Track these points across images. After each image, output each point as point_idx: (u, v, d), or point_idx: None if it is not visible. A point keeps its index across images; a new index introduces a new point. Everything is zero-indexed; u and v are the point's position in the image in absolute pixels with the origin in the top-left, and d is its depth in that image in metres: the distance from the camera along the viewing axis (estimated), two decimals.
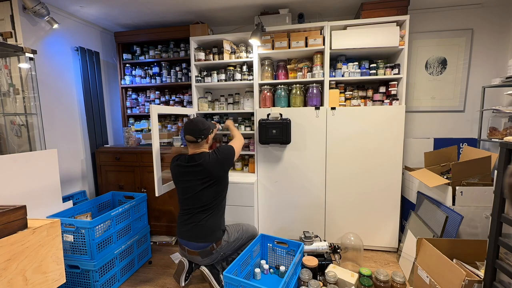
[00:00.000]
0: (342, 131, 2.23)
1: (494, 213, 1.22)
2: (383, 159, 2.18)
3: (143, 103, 2.96)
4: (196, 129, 1.68)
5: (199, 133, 1.68)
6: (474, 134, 2.42)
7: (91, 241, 1.68)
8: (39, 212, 1.74)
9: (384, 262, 2.16)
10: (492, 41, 2.37)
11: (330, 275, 1.71)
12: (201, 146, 1.73)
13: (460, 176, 1.84)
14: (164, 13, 2.52)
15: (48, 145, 2.18)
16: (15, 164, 1.59)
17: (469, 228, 1.79)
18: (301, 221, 2.40)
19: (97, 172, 2.71)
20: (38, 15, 2.08)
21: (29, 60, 1.93)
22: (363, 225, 2.29)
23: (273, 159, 2.39)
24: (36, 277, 0.88)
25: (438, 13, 2.43)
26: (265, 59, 2.44)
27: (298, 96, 2.34)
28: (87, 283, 1.73)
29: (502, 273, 1.19)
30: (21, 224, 0.86)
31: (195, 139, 1.68)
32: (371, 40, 2.13)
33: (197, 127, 1.68)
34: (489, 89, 2.27)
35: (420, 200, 2.12)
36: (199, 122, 1.71)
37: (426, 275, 1.55)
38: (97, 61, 2.74)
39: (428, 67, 2.51)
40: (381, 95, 2.28)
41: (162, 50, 2.82)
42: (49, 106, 2.29)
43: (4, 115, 1.98)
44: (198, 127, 1.68)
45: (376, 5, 2.14)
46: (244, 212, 2.32)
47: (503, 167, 1.18)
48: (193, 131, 1.68)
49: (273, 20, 2.34)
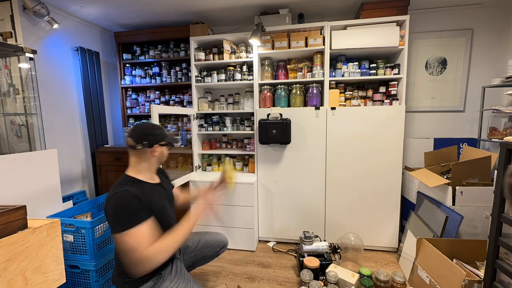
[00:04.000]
0: (342, 131, 2.23)
1: (494, 213, 1.22)
2: (383, 159, 2.18)
3: (143, 103, 2.96)
4: (140, 132, 1.23)
5: (142, 138, 1.21)
6: (474, 134, 2.42)
7: (91, 241, 1.68)
8: (39, 212, 1.73)
9: (384, 262, 2.16)
10: (492, 41, 2.37)
11: (331, 275, 1.71)
12: (142, 157, 1.24)
13: (460, 176, 1.84)
14: (164, 13, 2.52)
15: (48, 145, 2.18)
16: (15, 164, 1.59)
17: (469, 228, 1.79)
18: (301, 221, 2.40)
19: (97, 172, 2.71)
20: (38, 15, 2.08)
21: (29, 60, 1.92)
22: (363, 225, 2.29)
23: (273, 159, 2.39)
24: (36, 277, 0.88)
25: (438, 13, 2.43)
26: (265, 59, 2.44)
27: (298, 96, 2.34)
28: (87, 283, 1.73)
29: (502, 273, 1.19)
30: (21, 224, 0.86)
31: (134, 144, 1.21)
32: (371, 40, 2.13)
33: (142, 129, 1.25)
34: (489, 89, 2.27)
35: (420, 200, 2.12)
36: (149, 125, 1.29)
37: (426, 275, 1.55)
38: (97, 61, 2.74)
39: (428, 67, 2.50)
40: (381, 95, 2.28)
41: (162, 50, 2.82)
42: (49, 106, 2.29)
43: (4, 115, 1.98)
44: (143, 129, 1.25)
45: (376, 5, 2.14)
46: (244, 212, 2.32)
47: (503, 167, 1.18)
48: (136, 133, 1.23)
49: (273, 20, 2.34)
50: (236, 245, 2.38)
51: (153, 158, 1.26)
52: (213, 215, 1.34)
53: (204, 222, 1.21)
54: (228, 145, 2.75)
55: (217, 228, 2.34)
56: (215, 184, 1.53)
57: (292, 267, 2.12)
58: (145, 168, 1.26)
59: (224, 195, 1.36)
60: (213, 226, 2.33)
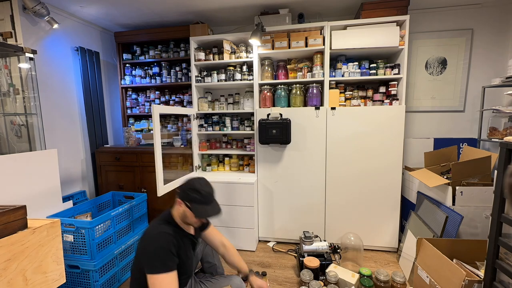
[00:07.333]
0: (342, 131, 2.23)
1: (494, 213, 1.22)
2: (383, 159, 2.18)
3: (143, 103, 2.96)
4: (185, 182, 1.33)
5: (181, 187, 1.32)
6: (474, 134, 2.42)
7: (91, 241, 1.68)
8: (39, 212, 1.74)
9: (384, 262, 2.16)
10: (492, 41, 2.37)
11: (331, 275, 1.71)
12: (176, 205, 1.33)
13: (460, 176, 1.84)
14: (164, 13, 2.52)
15: (48, 145, 2.18)
16: (15, 164, 1.59)
17: (469, 228, 1.79)
18: (301, 221, 2.40)
19: (97, 172, 2.71)
20: (38, 15, 2.08)
21: (29, 60, 1.92)
22: (363, 225, 2.29)
23: (273, 159, 2.39)
24: (36, 277, 0.88)
25: (438, 13, 2.43)
26: (265, 59, 2.44)
27: (298, 96, 2.34)
28: (87, 283, 1.73)
29: (502, 273, 1.19)
30: (21, 224, 0.86)
31: (176, 189, 1.34)
32: (371, 40, 2.13)
33: (189, 181, 1.32)
34: (489, 89, 2.27)
35: (420, 200, 2.12)
36: (195, 182, 1.30)
37: (426, 275, 1.55)
38: (97, 61, 2.74)
39: (428, 67, 2.50)
40: (381, 95, 2.28)
41: (162, 50, 2.82)
42: (49, 106, 2.29)
43: (4, 115, 1.98)
44: (189, 181, 1.32)
45: (376, 5, 2.14)
46: (244, 212, 2.32)
47: (503, 167, 1.18)
48: (185, 181, 1.34)
49: (273, 20, 2.34)
50: (236, 245, 2.38)
51: (179, 213, 1.31)
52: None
53: None
54: (228, 145, 2.75)
55: (218, 228, 2.33)
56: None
57: (292, 267, 2.12)
58: (178, 216, 1.33)
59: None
60: (214, 226, 2.33)
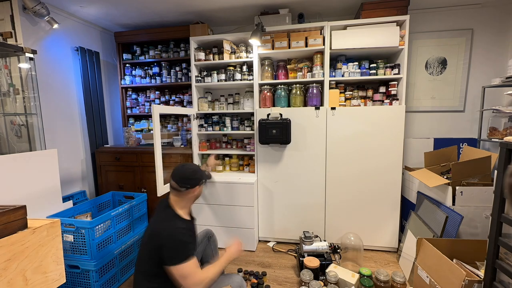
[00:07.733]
0: (342, 131, 2.23)
1: (494, 213, 1.22)
2: (383, 159, 2.18)
3: (143, 103, 2.96)
4: (183, 177, 1.39)
5: (185, 182, 1.38)
6: (474, 134, 2.42)
7: (91, 241, 1.68)
8: (39, 212, 1.73)
9: (384, 262, 2.16)
10: (492, 41, 2.37)
11: (331, 275, 1.71)
12: (183, 197, 1.40)
13: (460, 176, 1.84)
14: (164, 13, 2.52)
15: (48, 145, 2.18)
16: (15, 164, 1.59)
17: (469, 228, 1.79)
18: (301, 221, 2.40)
19: (97, 172, 2.71)
20: (38, 15, 2.08)
21: (29, 60, 1.92)
22: (363, 225, 2.29)
23: (273, 159, 2.39)
24: (36, 277, 0.88)
25: (438, 13, 2.43)
26: (265, 59, 2.44)
27: (298, 96, 2.34)
28: (87, 283, 1.73)
29: (502, 273, 1.19)
30: (21, 224, 0.86)
31: (178, 187, 1.38)
32: (371, 40, 2.13)
33: (184, 174, 1.40)
34: (489, 89, 2.27)
35: (420, 200, 2.12)
36: (189, 170, 1.42)
37: (426, 275, 1.55)
38: (97, 61, 2.74)
39: (428, 67, 2.50)
40: (381, 95, 2.28)
41: (162, 50, 2.82)
42: (49, 106, 2.29)
43: (4, 115, 1.98)
44: (185, 174, 1.40)
45: (376, 5, 2.14)
46: (244, 212, 2.32)
47: (503, 167, 1.18)
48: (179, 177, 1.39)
49: (273, 20, 2.34)
50: None
51: (193, 197, 1.43)
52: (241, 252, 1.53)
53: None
54: (228, 145, 2.75)
55: (218, 228, 2.34)
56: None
57: (292, 267, 2.12)
58: (184, 206, 1.43)
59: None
60: (214, 226, 2.33)
